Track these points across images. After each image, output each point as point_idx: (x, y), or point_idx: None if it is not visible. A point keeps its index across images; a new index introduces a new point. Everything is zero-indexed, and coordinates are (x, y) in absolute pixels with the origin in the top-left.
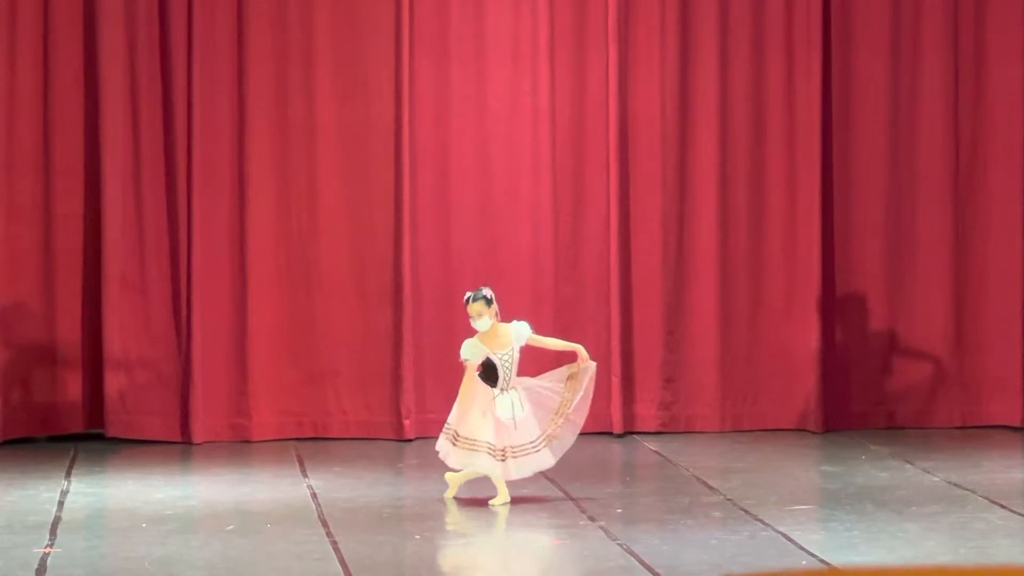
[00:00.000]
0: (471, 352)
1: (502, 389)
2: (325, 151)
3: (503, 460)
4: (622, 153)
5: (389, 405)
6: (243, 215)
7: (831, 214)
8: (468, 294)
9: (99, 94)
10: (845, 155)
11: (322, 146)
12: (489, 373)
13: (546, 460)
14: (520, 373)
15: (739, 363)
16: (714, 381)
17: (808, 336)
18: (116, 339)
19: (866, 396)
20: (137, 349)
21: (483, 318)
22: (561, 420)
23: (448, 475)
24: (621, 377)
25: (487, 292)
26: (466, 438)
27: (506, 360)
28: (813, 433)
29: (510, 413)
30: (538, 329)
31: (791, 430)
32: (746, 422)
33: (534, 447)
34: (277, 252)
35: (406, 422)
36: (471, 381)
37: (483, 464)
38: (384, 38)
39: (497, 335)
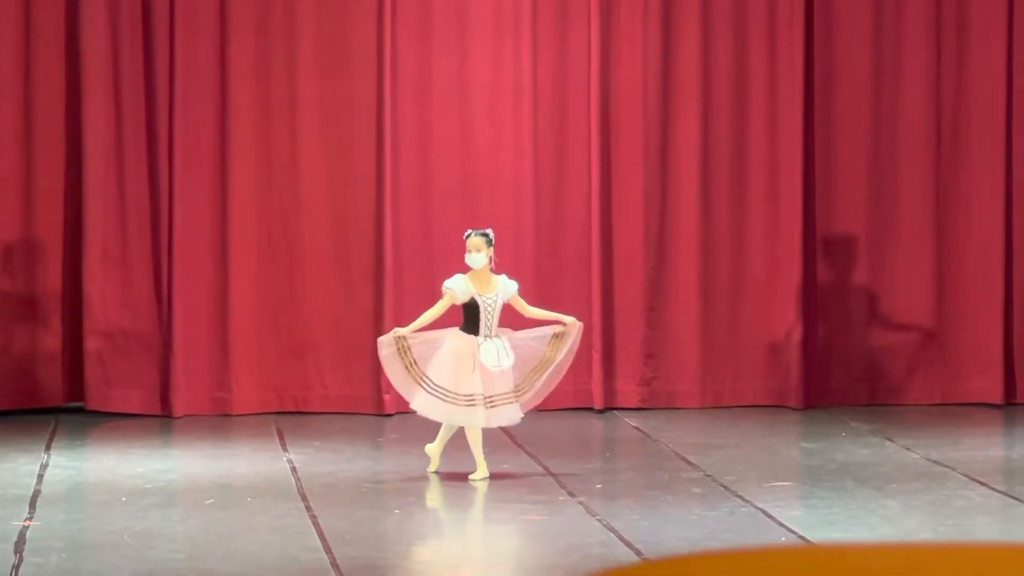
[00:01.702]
0: (457, 285)
1: (485, 336)
2: (307, 127)
3: (486, 409)
4: (604, 130)
5: (370, 380)
6: (225, 190)
7: (813, 192)
8: (469, 230)
9: (81, 68)
10: (827, 133)
11: (304, 122)
12: (470, 317)
13: (516, 414)
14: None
15: (720, 340)
16: (695, 357)
17: (789, 313)
18: (97, 313)
19: (847, 373)
20: (118, 323)
21: (480, 254)
22: (539, 378)
23: (428, 448)
24: (602, 353)
25: (489, 231)
26: (462, 395)
27: (490, 304)
28: (793, 409)
29: (496, 361)
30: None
31: (771, 406)
32: (727, 398)
33: (509, 399)
34: (259, 227)
35: (386, 397)
36: (439, 309)
37: (476, 418)
38: (366, 14)
39: (487, 280)
